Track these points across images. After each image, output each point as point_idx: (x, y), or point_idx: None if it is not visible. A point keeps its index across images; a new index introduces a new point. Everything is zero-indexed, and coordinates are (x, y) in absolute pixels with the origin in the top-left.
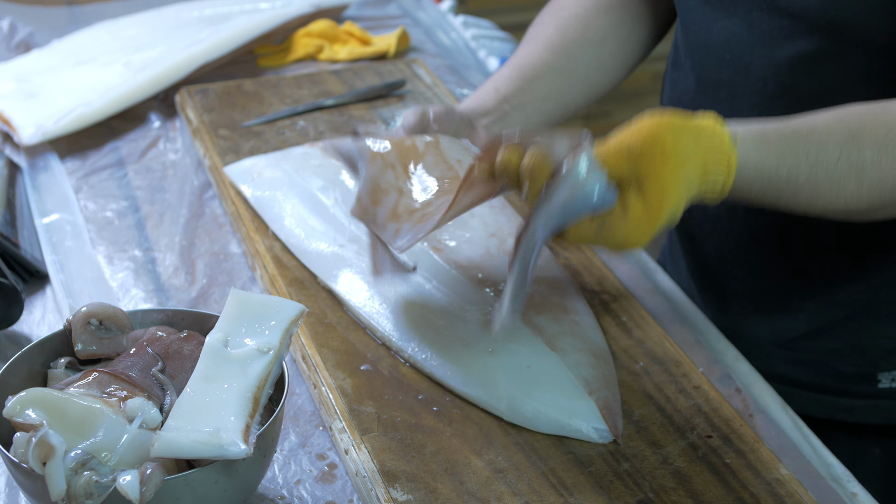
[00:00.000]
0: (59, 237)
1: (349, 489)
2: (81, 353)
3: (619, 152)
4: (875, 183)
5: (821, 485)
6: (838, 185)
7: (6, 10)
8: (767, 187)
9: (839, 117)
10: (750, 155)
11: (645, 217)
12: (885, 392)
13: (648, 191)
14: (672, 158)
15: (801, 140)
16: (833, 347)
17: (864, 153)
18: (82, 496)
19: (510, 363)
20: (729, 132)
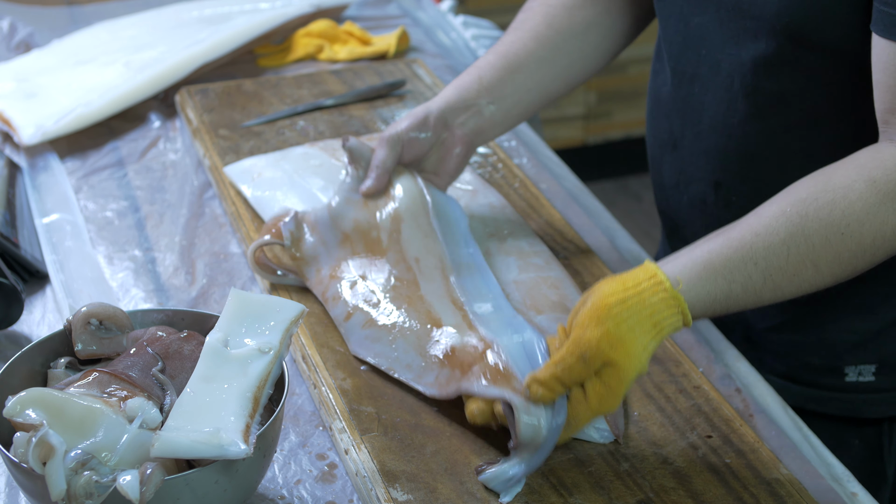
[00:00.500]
0: (59, 237)
1: (349, 489)
2: (81, 353)
3: (574, 364)
4: (832, 262)
5: (821, 485)
6: (796, 276)
7: (6, 10)
8: (728, 305)
9: (780, 211)
10: (698, 291)
11: (607, 395)
12: (852, 386)
13: (607, 377)
14: (621, 344)
15: (747, 251)
16: (799, 341)
17: (811, 241)
18: (82, 496)
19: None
20: (670, 281)
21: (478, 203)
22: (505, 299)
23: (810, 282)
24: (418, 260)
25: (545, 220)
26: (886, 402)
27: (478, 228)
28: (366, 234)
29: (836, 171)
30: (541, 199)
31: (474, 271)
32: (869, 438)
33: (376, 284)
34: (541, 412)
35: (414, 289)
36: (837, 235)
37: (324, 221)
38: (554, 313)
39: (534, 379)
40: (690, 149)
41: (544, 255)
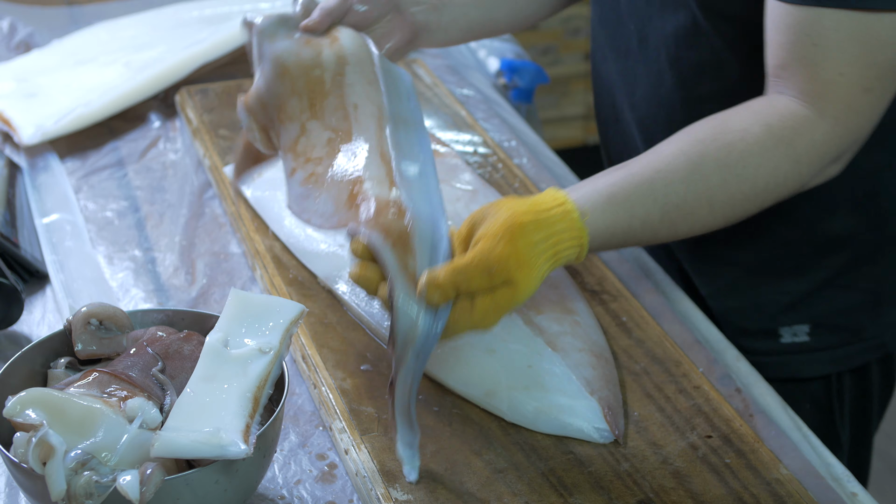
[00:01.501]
0: (59, 237)
1: (349, 489)
2: (81, 353)
3: (477, 275)
4: (725, 202)
5: (821, 485)
6: (692, 215)
7: (6, 10)
8: (626, 238)
9: (679, 150)
10: (600, 223)
11: (493, 311)
12: (787, 347)
13: (500, 295)
14: (526, 265)
15: (649, 187)
16: (734, 306)
17: (709, 180)
18: (82, 496)
19: (511, 363)
20: (578, 210)
21: (478, 203)
22: (434, 165)
23: (703, 221)
24: (356, 107)
25: None
26: (821, 360)
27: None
28: (308, 70)
29: (733, 116)
30: None
31: (411, 127)
32: (819, 401)
33: (315, 135)
34: (421, 310)
35: (347, 139)
36: (734, 177)
37: (265, 58)
38: (553, 313)
39: (432, 279)
40: (628, 121)
41: None
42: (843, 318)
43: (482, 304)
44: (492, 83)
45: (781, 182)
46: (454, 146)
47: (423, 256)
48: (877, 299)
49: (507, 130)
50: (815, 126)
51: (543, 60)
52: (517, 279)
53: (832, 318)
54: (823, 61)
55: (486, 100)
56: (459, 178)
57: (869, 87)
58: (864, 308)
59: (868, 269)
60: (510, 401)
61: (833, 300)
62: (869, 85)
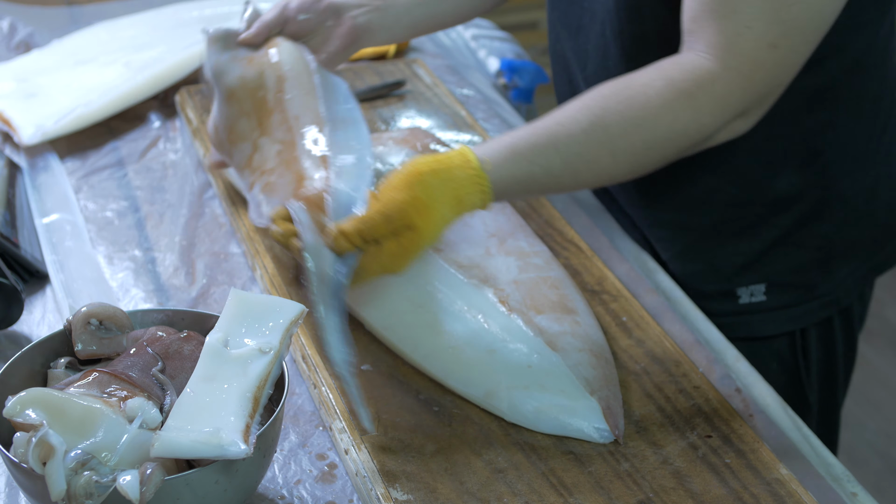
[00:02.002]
0: (59, 237)
1: (349, 489)
2: (81, 353)
3: (379, 223)
4: (627, 151)
5: (821, 485)
6: (594, 163)
7: (6, 10)
8: (530, 185)
9: (583, 105)
10: (503, 171)
11: (399, 255)
12: (745, 308)
13: (403, 239)
14: (425, 210)
15: (550, 138)
16: (692, 270)
17: (609, 130)
18: (82, 496)
19: (511, 363)
20: (479, 160)
21: None
22: (371, 156)
23: (607, 170)
24: (298, 118)
25: (545, 220)
26: (779, 319)
27: (478, 228)
28: (253, 93)
29: (638, 74)
30: (541, 199)
31: (349, 125)
32: (785, 360)
33: (266, 150)
34: (326, 259)
35: (292, 148)
36: (633, 127)
37: (215, 83)
38: (553, 313)
39: (339, 228)
40: None
41: (544, 255)
42: (797, 277)
43: (388, 247)
44: (492, 83)
45: (681, 131)
46: (454, 146)
47: (337, 216)
48: (827, 256)
49: (507, 130)
50: (717, 78)
51: (543, 60)
52: (418, 224)
53: (786, 276)
54: (731, 14)
55: (486, 100)
56: None
57: (775, 43)
58: (815, 265)
59: (817, 226)
60: (510, 401)
61: (786, 259)
62: (775, 41)
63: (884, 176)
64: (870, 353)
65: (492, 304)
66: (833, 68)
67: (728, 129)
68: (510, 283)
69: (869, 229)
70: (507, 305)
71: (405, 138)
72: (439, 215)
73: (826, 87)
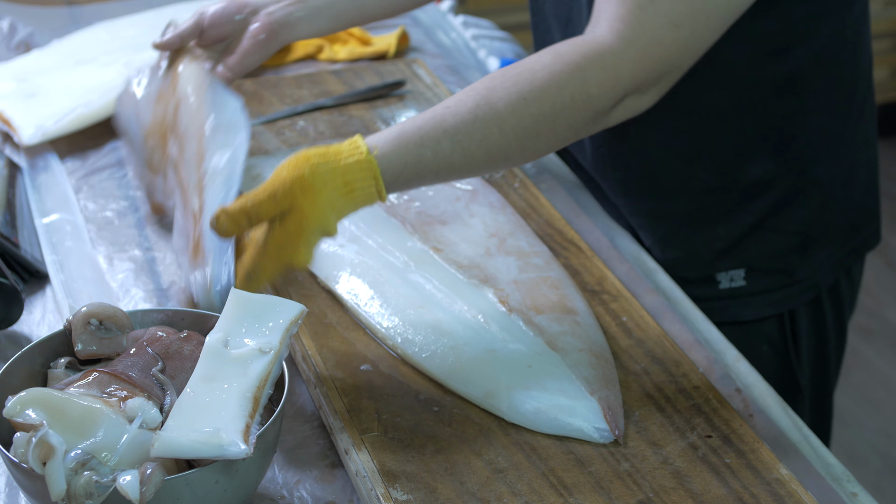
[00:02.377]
0: (59, 237)
1: (349, 489)
2: (81, 353)
3: (264, 200)
4: (516, 126)
5: (821, 485)
6: (484, 140)
7: (6, 10)
8: (421, 169)
9: (471, 88)
10: (392, 156)
11: (286, 241)
12: (726, 293)
13: (288, 221)
14: (310, 190)
15: (437, 121)
16: (673, 256)
17: (496, 106)
18: (82, 496)
19: (511, 363)
20: (367, 146)
21: (478, 203)
22: (239, 178)
23: (499, 147)
24: (184, 141)
25: (545, 220)
26: (760, 303)
27: (478, 228)
28: (160, 126)
29: (529, 56)
30: (541, 199)
31: (227, 146)
32: (775, 343)
33: (171, 176)
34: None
35: (179, 175)
36: (521, 101)
37: (129, 118)
38: (553, 313)
39: (223, 210)
40: None
41: (544, 255)
42: (775, 261)
43: (273, 237)
44: None
45: (569, 103)
46: None
47: (213, 201)
48: (804, 241)
49: None
50: (607, 50)
51: None
52: (302, 204)
53: (764, 261)
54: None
55: None
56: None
57: (678, 22)
58: (793, 250)
59: (793, 211)
60: (510, 401)
61: (763, 244)
62: (678, 20)
63: (862, 161)
64: (870, 353)
65: (492, 303)
66: (801, 56)
67: (624, 106)
68: (510, 283)
69: (846, 214)
70: (507, 305)
71: None
72: (326, 199)
73: (795, 75)
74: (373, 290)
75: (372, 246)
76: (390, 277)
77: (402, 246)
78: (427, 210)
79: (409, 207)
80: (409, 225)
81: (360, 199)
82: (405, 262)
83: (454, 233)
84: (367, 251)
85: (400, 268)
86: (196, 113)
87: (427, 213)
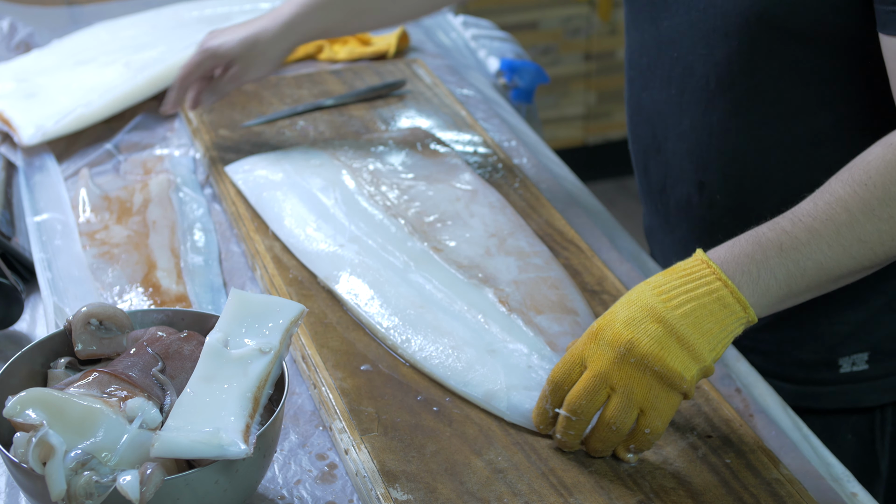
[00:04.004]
0: (48, 236)
1: (349, 489)
2: (81, 353)
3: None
4: (863, 209)
5: (821, 485)
6: (830, 221)
7: (6, 10)
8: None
9: (812, 198)
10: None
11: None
12: (846, 377)
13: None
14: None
15: (773, 230)
16: (792, 336)
17: (836, 192)
18: (82, 496)
19: (511, 363)
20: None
21: (478, 203)
22: (217, 260)
23: (849, 227)
24: (155, 223)
25: (545, 220)
26: (880, 388)
27: (478, 228)
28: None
29: (860, 156)
30: (541, 199)
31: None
32: (862, 432)
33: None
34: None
35: (144, 239)
36: (861, 186)
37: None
38: (553, 313)
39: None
40: (674, 150)
41: (544, 255)
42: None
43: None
44: (492, 83)
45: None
46: (454, 146)
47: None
48: None
49: (507, 130)
50: None
51: (543, 60)
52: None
53: (891, 343)
54: None
55: (486, 100)
56: (459, 178)
57: None
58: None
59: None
60: (510, 401)
61: (892, 326)
62: None
63: None
64: None
65: (492, 303)
66: None
67: None
68: (510, 282)
69: None
70: (507, 305)
71: (405, 138)
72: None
73: None
74: (373, 290)
75: (372, 246)
76: (390, 277)
77: (403, 246)
78: (427, 210)
79: (409, 207)
80: (410, 225)
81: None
82: (405, 262)
83: (454, 233)
84: (367, 251)
85: (400, 268)
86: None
87: (427, 213)
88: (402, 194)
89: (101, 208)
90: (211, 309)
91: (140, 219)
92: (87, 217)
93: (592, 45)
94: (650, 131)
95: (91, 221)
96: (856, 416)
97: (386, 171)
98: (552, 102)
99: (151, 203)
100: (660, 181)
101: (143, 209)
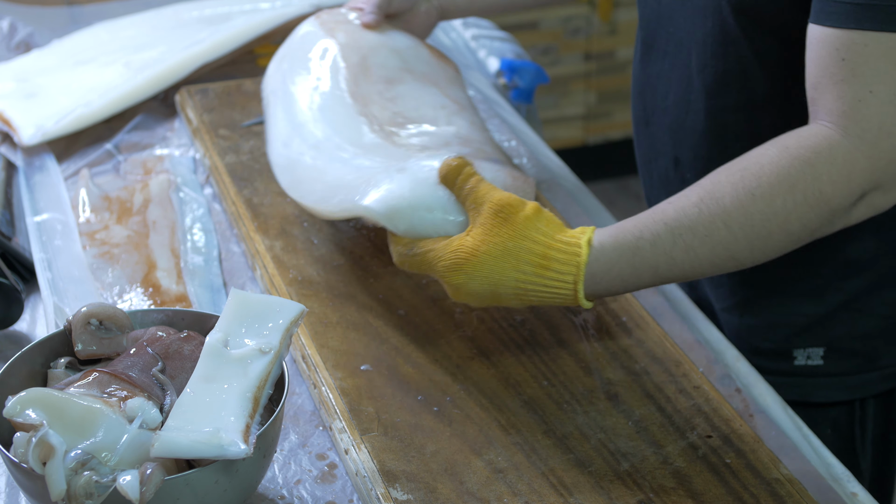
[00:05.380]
0: (48, 236)
1: (349, 489)
2: (81, 353)
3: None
4: (744, 224)
5: (821, 485)
6: (709, 236)
7: (6, 10)
8: (635, 262)
9: (696, 183)
10: (607, 246)
11: (452, 265)
12: (801, 370)
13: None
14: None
15: (659, 214)
16: (750, 324)
17: (723, 202)
18: (82, 496)
19: (365, 174)
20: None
21: (464, 119)
22: (217, 260)
23: (725, 244)
24: (155, 223)
25: None
26: (835, 386)
27: (389, 58)
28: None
29: (754, 149)
30: (541, 198)
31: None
32: (841, 428)
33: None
34: None
35: (144, 239)
36: (748, 196)
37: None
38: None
39: (462, 163)
40: (658, 124)
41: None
42: (859, 343)
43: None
44: (492, 83)
45: (801, 201)
46: None
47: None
48: (894, 325)
49: (507, 130)
50: (837, 144)
51: (543, 60)
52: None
53: (847, 342)
54: (851, 77)
55: (486, 100)
56: (452, 90)
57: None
58: (880, 334)
59: (887, 294)
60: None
61: (849, 324)
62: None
63: None
64: None
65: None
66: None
67: (866, 204)
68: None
69: None
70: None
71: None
72: (515, 259)
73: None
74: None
75: (328, 147)
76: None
77: (359, 142)
78: (405, 112)
79: (386, 108)
80: (377, 124)
81: (552, 283)
82: (354, 153)
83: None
84: (322, 154)
85: (347, 158)
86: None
87: (404, 115)
88: (388, 88)
89: (101, 208)
90: (211, 309)
91: (140, 219)
92: (87, 217)
93: (592, 45)
94: (642, 103)
95: (91, 221)
96: (836, 411)
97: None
98: (552, 102)
99: (151, 203)
100: (646, 153)
101: (143, 209)
